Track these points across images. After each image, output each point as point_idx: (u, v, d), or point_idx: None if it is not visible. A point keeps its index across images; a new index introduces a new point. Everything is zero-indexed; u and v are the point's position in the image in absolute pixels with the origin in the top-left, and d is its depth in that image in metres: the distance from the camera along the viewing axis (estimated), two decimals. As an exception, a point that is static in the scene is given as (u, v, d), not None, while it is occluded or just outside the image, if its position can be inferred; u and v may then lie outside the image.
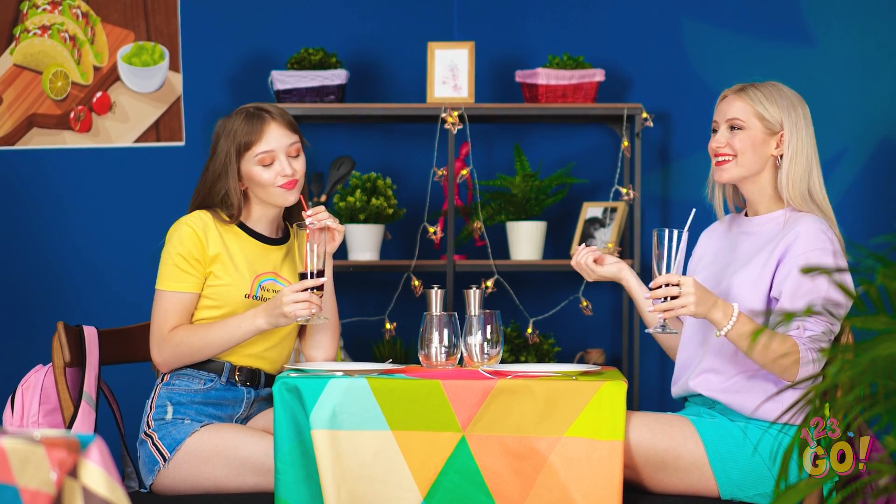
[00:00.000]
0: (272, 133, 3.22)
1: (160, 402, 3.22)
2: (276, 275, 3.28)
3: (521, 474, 2.92)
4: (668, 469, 3.00)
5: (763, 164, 3.10)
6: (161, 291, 3.22)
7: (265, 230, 3.31)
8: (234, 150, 3.22)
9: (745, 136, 3.09)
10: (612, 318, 4.55)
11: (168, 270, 3.22)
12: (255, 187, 3.24)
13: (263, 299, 3.24)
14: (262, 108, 3.25)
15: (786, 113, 3.08)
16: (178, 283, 3.21)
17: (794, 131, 3.08)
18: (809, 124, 3.11)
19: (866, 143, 4.31)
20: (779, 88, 3.12)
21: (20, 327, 4.35)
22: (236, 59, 4.47)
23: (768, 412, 3.00)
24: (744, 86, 3.12)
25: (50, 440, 2.05)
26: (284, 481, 2.94)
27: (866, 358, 2.06)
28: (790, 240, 3.01)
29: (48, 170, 4.36)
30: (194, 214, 3.25)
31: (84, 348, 3.26)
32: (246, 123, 3.21)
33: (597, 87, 4.35)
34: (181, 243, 3.21)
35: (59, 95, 4.34)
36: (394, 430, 2.93)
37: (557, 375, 3.02)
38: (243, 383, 3.25)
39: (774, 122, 3.08)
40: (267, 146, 3.21)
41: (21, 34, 4.31)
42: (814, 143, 3.11)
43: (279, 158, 3.22)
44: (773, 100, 3.09)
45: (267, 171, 3.21)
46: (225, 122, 3.25)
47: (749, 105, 3.09)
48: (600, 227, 4.37)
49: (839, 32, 4.34)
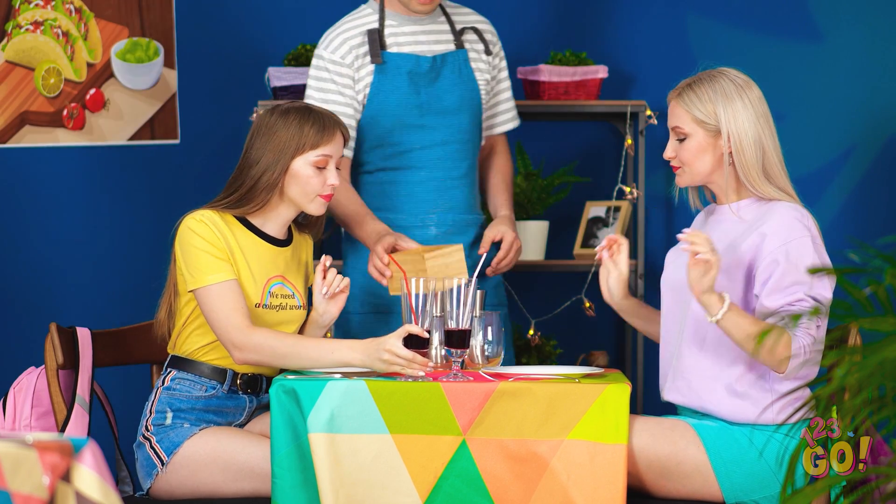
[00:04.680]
0: (337, 141, 3.20)
1: (160, 407, 3.19)
2: (284, 278, 3.24)
3: (523, 478, 2.90)
4: (670, 474, 2.99)
5: (715, 163, 3.07)
6: (206, 288, 3.10)
7: (274, 231, 3.25)
8: (297, 144, 3.16)
9: (689, 144, 3.07)
10: (615, 319, 4.53)
11: (200, 264, 3.10)
12: (296, 188, 3.18)
13: (272, 306, 3.19)
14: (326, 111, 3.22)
15: (721, 108, 3.05)
16: (219, 272, 3.10)
17: (733, 124, 3.04)
18: (753, 106, 3.05)
19: (874, 141, 4.30)
20: (714, 80, 3.08)
21: (12, 329, 4.34)
22: (232, 56, 4.45)
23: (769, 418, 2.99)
24: (682, 87, 3.11)
25: (42, 444, 2.05)
26: (281, 486, 2.92)
27: (874, 360, 2.05)
28: (764, 232, 2.99)
29: (41, 168, 4.35)
30: (203, 212, 3.16)
31: (77, 350, 3.25)
32: (317, 122, 3.17)
33: (600, 84, 4.33)
34: (201, 235, 3.12)
35: (52, 92, 4.33)
36: (393, 433, 2.91)
37: (560, 378, 3.01)
38: (244, 390, 3.22)
39: (712, 122, 3.06)
40: (329, 150, 3.18)
41: (13, 30, 4.31)
42: (763, 126, 3.05)
43: (330, 167, 3.19)
44: (706, 98, 3.06)
45: (317, 176, 3.17)
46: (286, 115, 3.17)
47: (685, 111, 3.08)
48: (603, 226, 4.35)
49: (846, 29, 4.33)
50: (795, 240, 2.97)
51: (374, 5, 3.59)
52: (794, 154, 4.40)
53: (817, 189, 4.37)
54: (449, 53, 3.58)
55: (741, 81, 3.08)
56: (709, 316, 2.91)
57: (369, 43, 3.51)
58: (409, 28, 3.56)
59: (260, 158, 3.17)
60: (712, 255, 2.88)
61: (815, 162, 4.39)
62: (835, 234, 4.30)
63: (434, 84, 3.55)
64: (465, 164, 3.60)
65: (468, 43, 3.63)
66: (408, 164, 3.56)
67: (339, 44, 3.54)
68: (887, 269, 2.09)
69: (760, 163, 3.04)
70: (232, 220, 3.19)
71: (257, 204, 3.18)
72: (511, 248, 3.52)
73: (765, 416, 2.98)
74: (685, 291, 3.02)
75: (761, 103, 3.07)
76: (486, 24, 3.71)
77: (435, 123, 3.55)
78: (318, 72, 3.55)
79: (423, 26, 3.58)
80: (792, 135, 4.38)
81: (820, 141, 4.39)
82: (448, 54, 3.58)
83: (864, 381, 2.07)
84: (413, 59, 3.54)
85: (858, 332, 3.06)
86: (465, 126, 3.58)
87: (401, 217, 3.57)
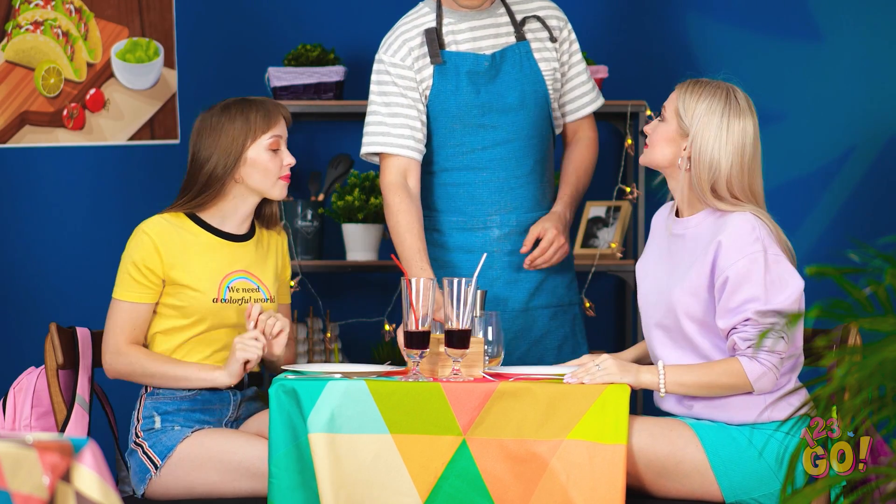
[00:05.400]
0: (283, 123, 3.27)
1: (146, 413, 3.21)
2: (248, 273, 3.26)
3: (523, 478, 2.89)
4: (669, 474, 2.98)
5: (672, 159, 3.07)
6: (116, 301, 3.23)
7: (233, 227, 3.29)
8: (247, 134, 3.22)
9: (661, 128, 3.09)
10: (615, 319, 4.52)
11: (122, 279, 3.23)
12: (256, 175, 3.23)
13: (232, 301, 3.21)
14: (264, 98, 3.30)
15: (698, 116, 3.04)
16: (132, 293, 3.21)
17: (700, 135, 3.02)
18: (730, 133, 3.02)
19: (874, 142, 4.30)
20: (714, 93, 3.06)
21: (12, 329, 4.34)
22: (232, 56, 4.45)
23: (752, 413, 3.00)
24: (690, 81, 3.12)
25: (42, 444, 2.05)
26: (278, 486, 2.91)
27: (874, 360, 2.05)
28: (714, 249, 2.98)
29: (41, 168, 4.34)
30: (154, 220, 3.25)
31: (77, 350, 3.25)
32: (259, 109, 3.24)
33: (600, 84, 4.32)
34: (136, 251, 3.21)
35: (52, 92, 4.33)
36: (393, 433, 2.90)
37: (560, 378, 3.00)
38: (226, 385, 3.22)
39: (686, 122, 3.05)
40: (279, 131, 3.25)
41: (13, 30, 4.30)
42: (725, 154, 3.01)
43: (282, 145, 3.26)
44: (695, 100, 3.06)
45: (274, 159, 3.23)
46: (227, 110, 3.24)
47: (675, 98, 3.09)
48: (603, 226, 4.35)
49: (846, 28, 4.33)
50: (745, 257, 2.95)
51: (432, 3, 3.52)
52: (795, 154, 4.41)
53: (817, 189, 4.37)
54: (509, 48, 3.50)
55: (737, 106, 3.05)
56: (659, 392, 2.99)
57: (427, 43, 3.46)
58: (467, 24, 3.49)
59: (210, 156, 3.23)
60: (604, 371, 2.97)
61: (815, 162, 4.39)
62: (835, 234, 4.30)
63: (494, 81, 3.49)
64: (529, 161, 3.53)
65: (531, 33, 3.54)
66: (470, 164, 3.51)
67: (399, 46, 3.48)
68: (887, 269, 2.09)
69: (709, 183, 3.02)
70: (186, 222, 3.26)
71: (211, 196, 3.23)
72: (550, 245, 3.45)
73: (761, 417, 2.99)
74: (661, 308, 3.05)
75: (742, 135, 3.02)
76: (553, 8, 3.60)
77: (496, 122, 3.49)
78: (380, 76, 3.49)
79: (482, 20, 3.50)
80: (792, 135, 4.38)
81: (820, 141, 4.38)
82: (508, 48, 3.50)
83: (864, 381, 2.07)
84: (472, 59, 3.47)
85: (858, 332, 3.05)
86: (530, 122, 3.51)
87: (462, 220, 3.52)
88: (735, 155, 3.02)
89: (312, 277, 4.41)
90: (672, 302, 3.03)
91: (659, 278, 3.12)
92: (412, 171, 3.47)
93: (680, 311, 3.01)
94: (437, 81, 3.47)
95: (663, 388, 2.99)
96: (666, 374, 2.99)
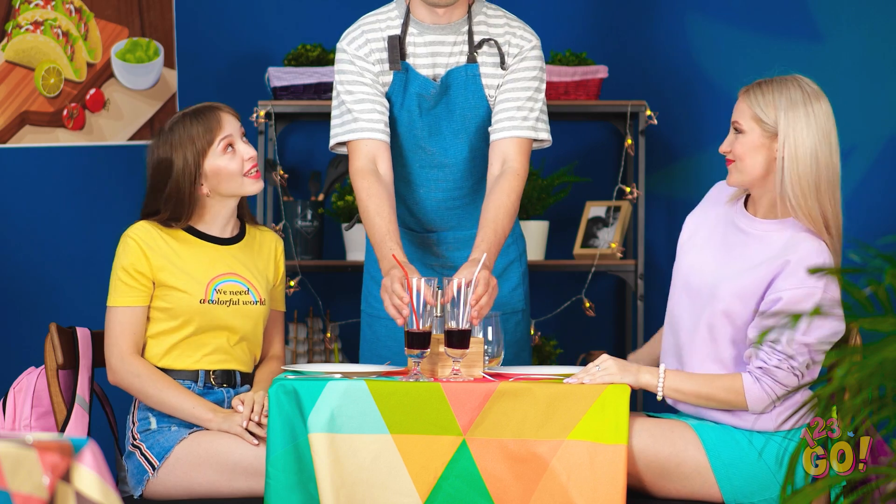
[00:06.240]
0: (225, 119, 3.25)
1: (141, 415, 3.21)
2: (236, 275, 3.26)
3: (523, 479, 2.89)
4: (670, 475, 2.98)
5: (767, 166, 3.02)
6: (111, 309, 3.22)
7: (218, 231, 3.29)
8: (196, 152, 3.21)
9: (743, 140, 3.02)
10: (615, 319, 4.52)
11: (115, 286, 3.23)
12: (222, 182, 3.23)
13: (221, 302, 3.21)
14: (199, 106, 3.27)
15: (783, 112, 2.98)
16: (125, 297, 3.21)
17: (792, 130, 2.98)
18: (817, 118, 2.99)
19: (875, 141, 4.30)
20: (784, 85, 3.02)
21: (12, 329, 4.34)
22: (232, 56, 4.45)
23: (768, 422, 2.99)
24: (751, 85, 3.06)
25: (42, 444, 2.05)
26: (275, 486, 2.91)
27: (874, 360, 2.05)
28: (780, 266, 2.95)
29: (41, 168, 4.34)
30: (139, 225, 3.25)
31: (77, 350, 3.25)
32: (198, 122, 3.23)
33: (600, 84, 4.32)
34: (125, 256, 3.22)
35: (52, 92, 4.33)
36: (393, 433, 2.90)
37: (560, 378, 3.00)
38: (220, 385, 3.24)
39: (771, 123, 3.01)
40: (225, 132, 3.23)
41: (13, 30, 4.30)
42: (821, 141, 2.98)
43: (236, 143, 3.24)
44: (770, 99, 3.01)
45: (232, 161, 3.22)
46: (168, 137, 3.23)
47: (748, 107, 3.02)
48: (603, 226, 4.35)
49: (847, 28, 4.33)
50: (805, 289, 2.91)
51: (402, 7, 3.46)
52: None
53: (817, 189, 4.37)
54: (458, 68, 3.42)
55: (811, 91, 3.02)
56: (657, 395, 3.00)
57: (389, 49, 3.40)
58: (428, 38, 3.43)
59: (168, 182, 3.22)
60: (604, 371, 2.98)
61: (815, 162, 4.39)
62: (835, 234, 4.30)
63: (438, 105, 3.43)
64: (468, 182, 3.48)
65: (484, 55, 3.43)
66: (410, 180, 3.50)
67: (363, 43, 3.43)
68: (887, 269, 2.09)
69: (814, 177, 2.98)
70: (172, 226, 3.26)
71: (188, 213, 3.23)
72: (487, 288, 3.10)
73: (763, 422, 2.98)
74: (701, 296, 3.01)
75: (827, 119, 3.00)
76: (521, 29, 3.45)
77: (435, 146, 3.45)
78: (343, 65, 3.44)
79: (444, 36, 3.43)
80: (792, 135, 4.38)
81: (820, 141, 4.38)
82: (456, 69, 3.42)
83: (864, 381, 2.07)
84: (421, 82, 3.41)
85: (858, 332, 3.05)
86: (469, 146, 3.45)
87: (406, 232, 3.53)
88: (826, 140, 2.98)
89: (312, 277, 4.41)
90: (717, 295, 3.00)
91: (706, 261, 3.08)
92: (382, 155, 3.38)
93: (720, 309, 2.99)
94: (390, 92, 3.44)
95: (661, 391, 2.99)
96: (666, 377, 2.98)
